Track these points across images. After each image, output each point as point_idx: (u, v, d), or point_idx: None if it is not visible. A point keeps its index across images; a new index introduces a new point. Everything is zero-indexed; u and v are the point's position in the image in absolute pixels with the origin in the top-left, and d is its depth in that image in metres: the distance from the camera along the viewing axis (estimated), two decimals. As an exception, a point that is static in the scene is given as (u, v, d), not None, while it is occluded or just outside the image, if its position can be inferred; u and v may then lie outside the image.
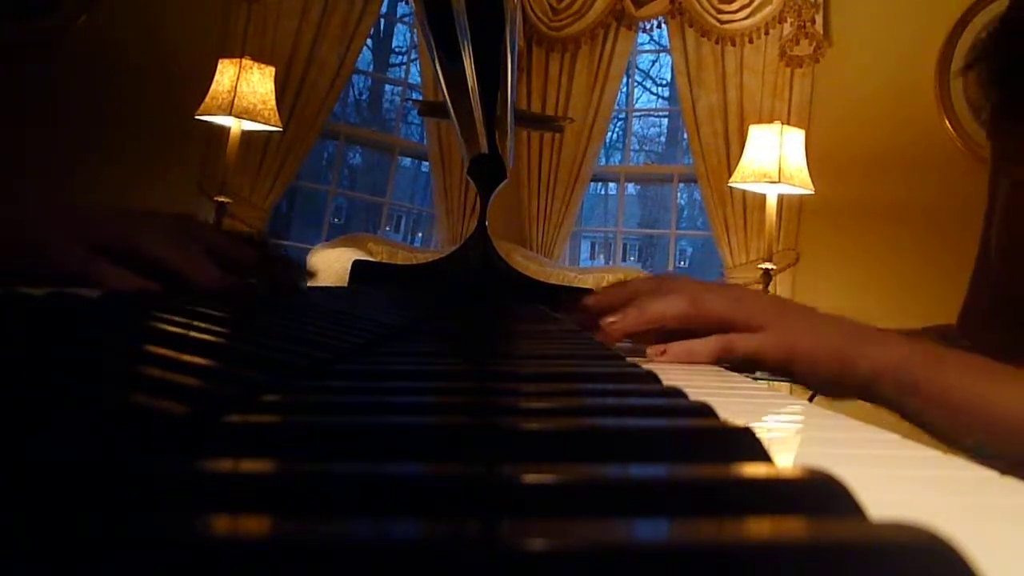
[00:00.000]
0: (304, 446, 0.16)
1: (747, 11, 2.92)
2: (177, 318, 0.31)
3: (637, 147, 6.18)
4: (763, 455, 0.17)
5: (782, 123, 2.54)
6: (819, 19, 2.84)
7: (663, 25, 3.17)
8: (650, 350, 0.48)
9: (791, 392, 0.58)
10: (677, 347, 0.48)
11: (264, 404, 0.20)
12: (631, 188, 4.85)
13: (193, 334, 0.28)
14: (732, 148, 2.90)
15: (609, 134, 3.73)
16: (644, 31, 3.24)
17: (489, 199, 1.03)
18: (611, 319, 0.51)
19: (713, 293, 0.51)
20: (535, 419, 0.20)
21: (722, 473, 0.14)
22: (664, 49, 3.52)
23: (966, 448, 0.46)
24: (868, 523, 0.12)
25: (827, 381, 0.49)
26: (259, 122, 2.44)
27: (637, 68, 4.26)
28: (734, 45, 2.96)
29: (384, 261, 2.51)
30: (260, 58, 2.51)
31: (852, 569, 0.10)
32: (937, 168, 2.59)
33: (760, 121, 2.71)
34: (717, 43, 2.98)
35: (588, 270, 3.10)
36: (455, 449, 0.16)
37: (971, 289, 0.74)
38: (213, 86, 2.43)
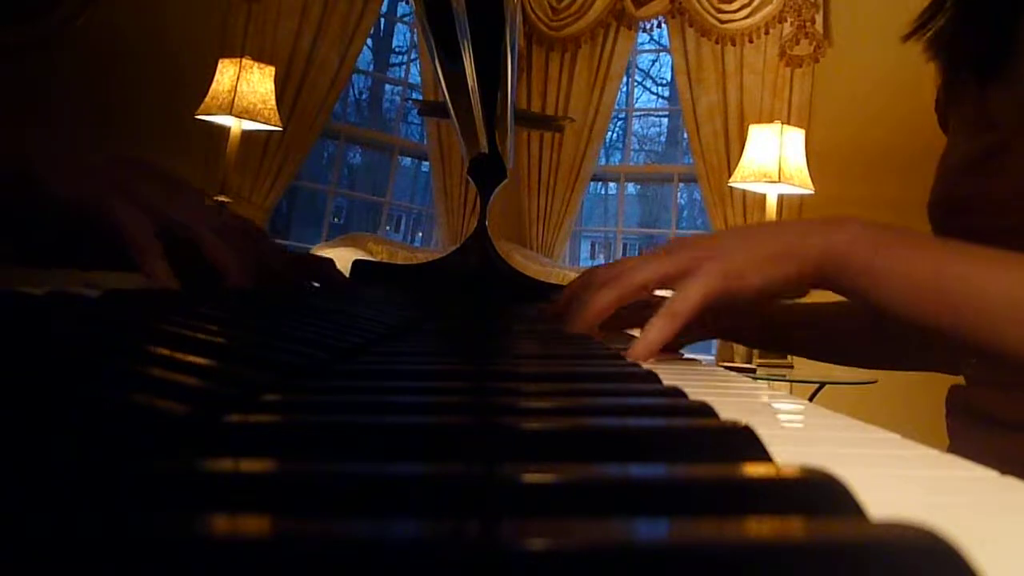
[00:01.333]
0: (304, 446, 0.16)
1: (747, 11, 2.92)
2: (177, 318, 0.31)
3: (637, 147, 6.18)
4: (763, 455, 0.17)
5: (782, 123, 2.54)
6: (819, 19, 2.84)
7: (663, 25, 3.17)
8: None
9: (791, 392, 0.58)
10: (636, 350, 0.45)
11: (265, 404, 0.20)
12: (631, 188, 4.85)
13: (193, 334, 0.28)
14: (732, 148, 2.90)
15: (609, 134, 3.73)
16: (644, 31, 3.25)
17: (489, 199, 1.03)
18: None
19: (639, 259, 0.50)
20: (535, 419, 0.20)
21: (722, 473, 0.14)
22: (664, 49, 3.52)
23: (927, 331, 0.44)
24: (868, 523, 0.12)
25: (784, 286, 0.47)
26: (259, 122, 2.44)
27: (637, 68, 4.26)
28: (734, 45, 2.96)
29: (384, 261, 2.51)
30: (260, 58, 2.51)
31: (852, 569, 0.10)
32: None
33: (760, 121, 2.71)
34: (717, 43, 2.98)
35: (588, 270, 3.10)
36: (455, 449, 0.16)
37: None
38: (213, 86, 2.42)
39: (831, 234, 0.46)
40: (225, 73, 2.42)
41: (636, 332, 0.58)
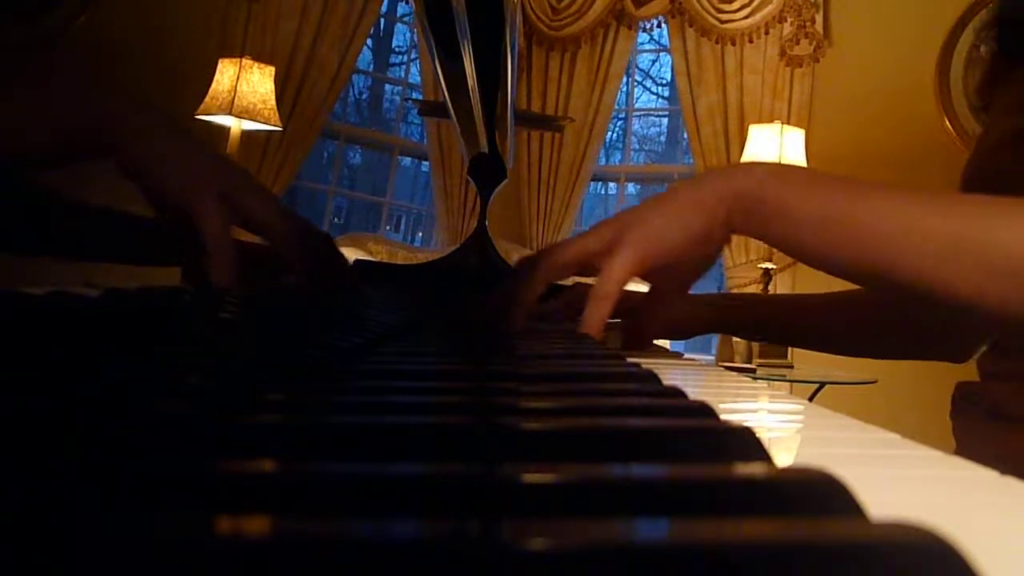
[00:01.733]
0: (306, 446, 0.16)
1: (747, 11, 2.92)
2: (179, 318, 0.31)
3: (637, 147, 6.17)
4: (763, 455, 0.17)
5: (782, 123, 2.54)
6: (819, 19, 2.84)
7: (663, 25, 3.17)
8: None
9: (791, 392, 0.58)
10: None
11: (266, 404, 0.20)
12: (631, 188, 4.85)
13: (195, 334, 0.28)
14: (732, 148, 2.90)
15: (609, 134, 3.73)
16: (644, 31, 3.25)
17: (489, 199, 1.03)
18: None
19: (563, 241, 0.50)
20: (535, 419, 0.20)
21: (722, 473, 0.14)
22: (664, 49, 3.52)
23: (838, 270, 0.43)
24: (868, 523, 0.12)
25: (704, 237, 0.46)
26: (259, 122, 2.44)
27: (637, 68, 4.26)
28: (734, 45, 2.96)
29: (384, 261, 2.51)
30: (260, 58, 2.51)
31: (852, 569, 0.10)
32: (937, 168, 2.58)
33: (760, 121, 2.71)
34: (717, 43, 2.98)
35: (588, 270, 3.10)
36: (455, 449, 0.16)
37: None
38: (213, 86, 2.42)
39: (740, 178, 0.45)
40: (225, 73, 2.42)
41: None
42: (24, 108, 0.43)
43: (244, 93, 2.40)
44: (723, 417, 0.20)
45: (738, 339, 2.41)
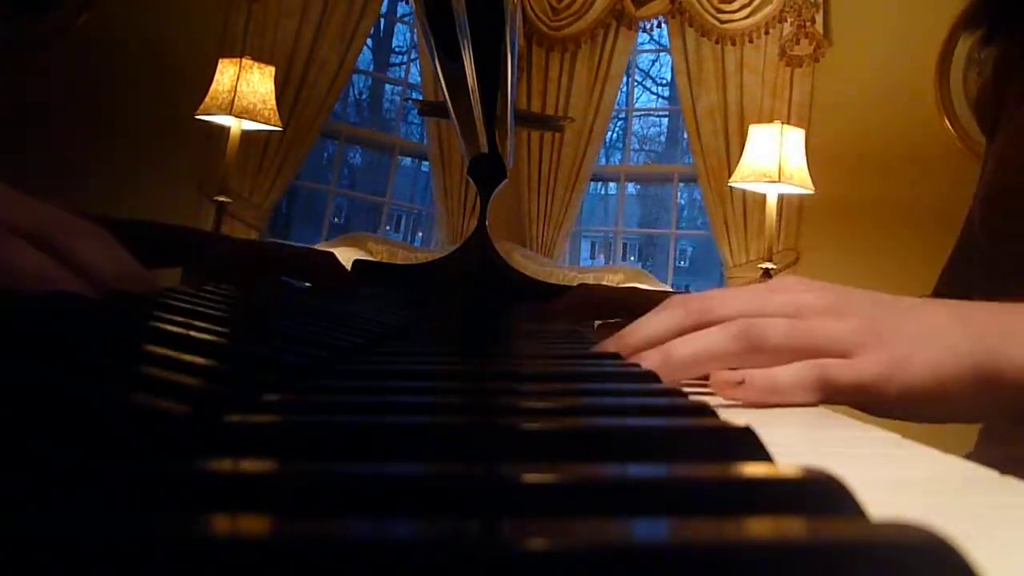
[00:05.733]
0: (304, 446, 0.16)
1: (747, 11, 2.92)
2: (177, 318, 0.31)
3: (637, 147, 6.17)
4: (763, 455, 0.17)
5: (782, 123, 2.54)
6: (819, 19, 2.84)
7: (663, 25, 3.17)
8: (716, 383, 0.32)
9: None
10: (759, 379, 0.31)
11: (264, 404, 0.20)
12: (631, 188, 4.85)
13: (193, 334, 0.28)
14: (732, 148, 2.90)
15: (609, 134, 3.73)
16: (644, 31, 3.25)
17: (489, 199, 1.03)
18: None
19: (772, 309, 0.35)
20: (535, 419, 0.20)
21: (722, 473, 0.14)
22: (664, 49, 3.52)
23: None
24: (868, 523, 0.12)
25: (959, 407, 0.34)
26: (259, 122, 2.44)
27: (637, 68, 4.26)
28: (734, 45, 2.96)
29: (384, 260, 2.51)
30: (260, 58, 2.51)
31: (852, 569, 0.10)
32: (937, 167, 2.59)
33: (760, 121, 2.71)
34: (717, 43, 2.98)
35: (588, 270, 3.11)
36: (455, 449, 0.16)
37: (950, 265, 0.72)
38: (213, 86, 2.42)
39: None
40: (225, 73, 2.42)
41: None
42: None
43: (244, 93, 2.40)
44: (723, 417, 0.20)
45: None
